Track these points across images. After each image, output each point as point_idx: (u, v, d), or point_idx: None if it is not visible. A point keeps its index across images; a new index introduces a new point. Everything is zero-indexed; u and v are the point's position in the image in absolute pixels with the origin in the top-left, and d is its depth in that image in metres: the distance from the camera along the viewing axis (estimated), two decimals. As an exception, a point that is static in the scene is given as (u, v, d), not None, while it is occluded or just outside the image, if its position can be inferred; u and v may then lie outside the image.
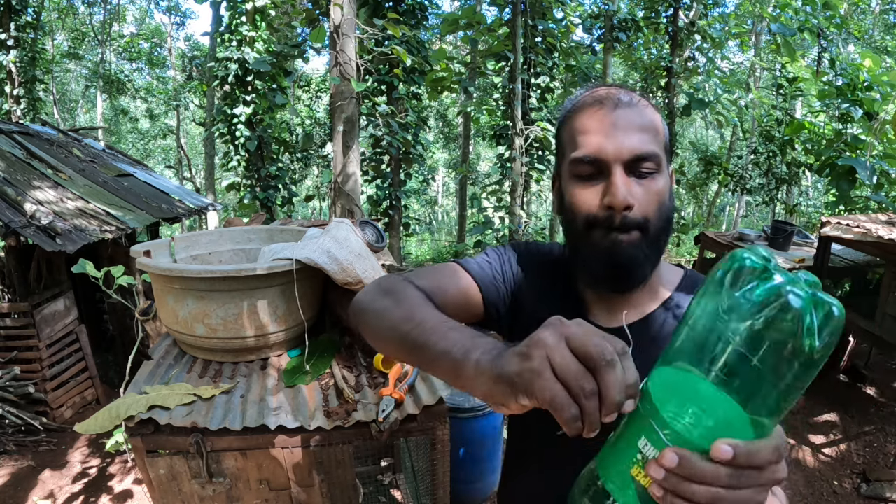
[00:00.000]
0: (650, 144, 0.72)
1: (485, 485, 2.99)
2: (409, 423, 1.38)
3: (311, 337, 1.68)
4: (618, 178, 0.71)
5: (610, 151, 0.71)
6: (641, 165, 0.72)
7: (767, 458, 0.43)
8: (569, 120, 0.78)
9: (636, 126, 0.72)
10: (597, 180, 0.73)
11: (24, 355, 4.01)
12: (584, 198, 0.74)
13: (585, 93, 0.79)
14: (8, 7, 8.57)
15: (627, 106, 0.73)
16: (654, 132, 0.74)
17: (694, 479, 0.43)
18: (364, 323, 0.78)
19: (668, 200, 0.75)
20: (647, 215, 0.72)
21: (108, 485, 3.45)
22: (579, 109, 0.77)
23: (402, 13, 7.01)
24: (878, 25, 13.38)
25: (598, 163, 0.72)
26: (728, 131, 13.92)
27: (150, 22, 18.57)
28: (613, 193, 0.70)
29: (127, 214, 4.75)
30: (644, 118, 0.74)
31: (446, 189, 23.41)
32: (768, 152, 9.14)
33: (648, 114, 0.75)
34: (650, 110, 0.76)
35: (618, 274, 0.74)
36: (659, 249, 0.76)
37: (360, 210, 5.19)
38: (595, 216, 0.73)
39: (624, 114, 0.73)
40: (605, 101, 0.74)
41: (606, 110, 0.73)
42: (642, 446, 0.46)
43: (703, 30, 9.00)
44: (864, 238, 3.57)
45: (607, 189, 0.71)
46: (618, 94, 0.75)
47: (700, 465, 0.43)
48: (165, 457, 1.33)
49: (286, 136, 8.92)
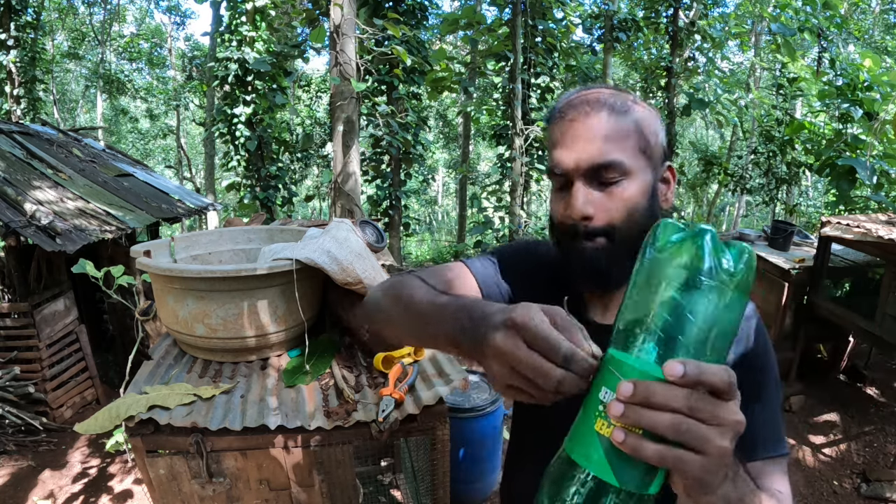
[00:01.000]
0: (612, 153, 0.72)
1: (485, 485, 2.99)
2: (409, 423, 1.38)
3: (310, 337, 1.68)
4: (576, 189, 0.74)
5: (569, 164, 0.74)
6: (603, 175, 0.73)
7: (721, 379, 0.44)
8: (549, 128, 0.81)
9: (599, 136, 0.72)
10: (565, 190, 0.77)
11: (24, 355, 4.01)
12: (556, 207, 0.79)
13: (563, 100, 0.80)
14: (8, 7, 8.57)
15: (596, 114, 0.73)
16: (621, 138, 0.73)
17: (652, 405, 0.44)
18: (378, 308, 0.83)
19: (641, 204, 0.74)
20: (611, 222, 0.74)
21: (108, 485, 3.45)
22: (554, 118, 0.79)
23: (402, 13, 7.01)
24: (878, 25, 13.38)
25: (562, 175, 0.75)
26: (728, 131, 13.91)
27: (150, 22, 18.57)
28: (571, 205, 0.74)
29: (127, 214, 4.75)
30: (610, 126, 0.73)
31: (446, 189, 23.41)
32: (768, 152, 9.13)
33: (616, 120, 0.73)
34: (622, 115, 0.74)
35: (591, 277, 0.77)
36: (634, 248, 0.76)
37: (360, 210, 5.19)
38: (564, 224, 0.77)
39: (588, 123, 0.73)
40: (571, 110, 0.75)
41: (570, 120, 0.75)
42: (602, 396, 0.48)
43: (703, 30, 9.00)
44: (864, 238, 3.57)
45: (569, 199, 0.75)
46: (586, 100, 0.75)
47: (654, 386, 0.44)
48: (165, 457, 1.33)
49: (286, 136, 8.92)
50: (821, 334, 4.38)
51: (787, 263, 4.32)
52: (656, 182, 0.78)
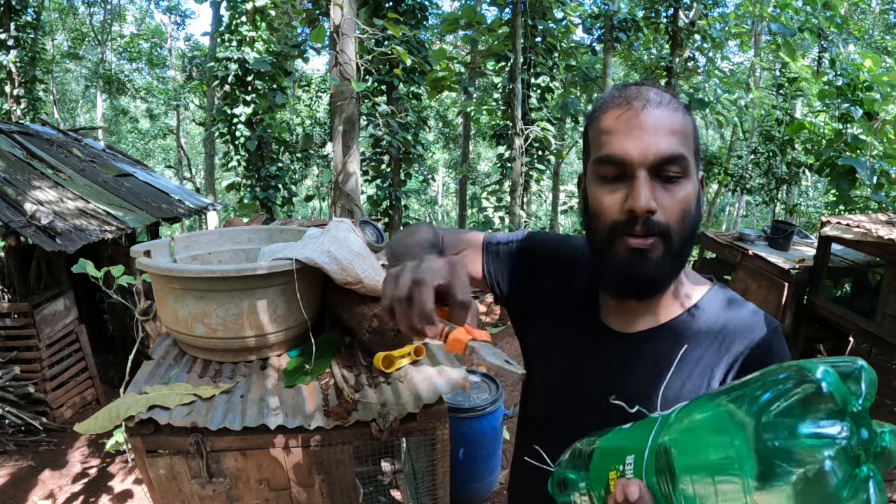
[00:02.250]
0: (678, 147, 0.69)
1: (485, 485, 2.99)
2: (409, 422, 1.38)
3: (310, 337, 1.68)
4: (641, 181, 0.68)
5: (635, 153, 0.69)
6: (668, 169, 0.69)
7: None
8: (596, 120, 0.75)
9: (664, 128, 0.69)
10: (620, 183, 0.71)
11: (24, 355, 4.01)
12: (607, 201, 0.72)
13: (615, 91, 0.76)
14: (8, 7, 8.57)
15: (657, 107, 0.71)
16: (683, 135, 0.71)
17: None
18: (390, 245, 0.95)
19: (693, 209, 0.72)
20: (669, 222, 0.70)
21: (108, 485, 3.45)
22: (607, 109, 0.74)
23: (402, 13, 7.01)
24: (878, 25, 13.37)
25: (621, 165, 0.70)
26: (728, 131, 13.91)
27: (150, 22, 18.58)
28: (635, 197, 0.68)
29: (127, 214, 4.75)
30: (674, 120, 0.71)
31: (446, 189, 23.41)
32: (768, 152, 9.14)
33: (679, 116, 0.72)
34: (681, 113, 0.73)
35: (636, 283, 0.72)
36: (681, 259, 0.74)
37: (360, 210, 5.19)
38: (616, 221, 0.71)
39: (652, 115, 0.70)
40: (634, 101, 0.71)
41: (634, 111, 0.71)
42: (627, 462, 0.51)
43: (703, 30, 8.99)
44: (864, 238, 3.57)
45: (630, 192, 0.69)
46: (647, 94, 0.72)
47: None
48: (165, 457, 1.33)
49: (286, 136, 8.92)
50: (821, 334, 4.38)
51: (787, 263, 4.32)
52: (701, 188, 0.76)
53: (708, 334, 0.76)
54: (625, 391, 0.77)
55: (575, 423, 0.75)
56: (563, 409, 0.85)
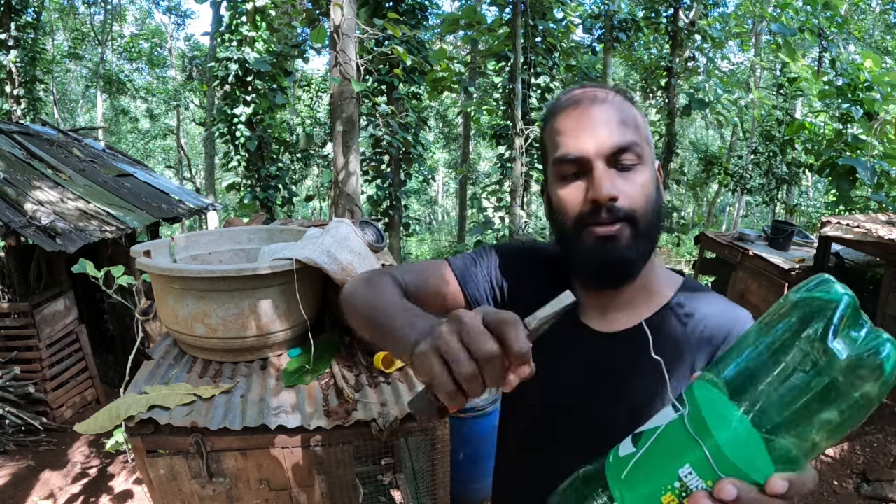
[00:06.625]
0: (630, 135, 0.72)
1: (485, 485, 2.98)
2: (409, 422, 1.38)
3: (310, 337, 1.68)
4: (600, 172, 0.71)
5: (590, 147, 0.72)
6: (623, 158, 0.72)
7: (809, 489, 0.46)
8: (548, 123, 0.79)
9: (614, 120, 0.72)
10: (580, 178, 0.74)
11: (24, 355, 4.01)
12: (570, 197, 0.74)
13: (563, 96, 0.79)
14: (8, 7, 8.58)
15: (604, 102, 0.74)
16: (633, 125, 0.74)
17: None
18: (346, 306, 0.83)
19: (654, 193, 0.75)
20: (633, 207, 0.72)
21: (108, 485, 3.45)
22: (557, 112, 0.77)
23: (402, 13, 7.01)
24: (879, 25, 13.37)
25: (579, 160, 0.73)
26: (728, 131, 13.92)
27: (150, 22, 18.58)
28: (597, 187, 0.71)
29: (127, 214, 4.75)
30: (622, 112, 0.74)
31: (446, 189, 23.41)
32: (768, 152, 9.14)
33: (626, 108, 0.75)
34: (627, 105, 0.76)
35: (608, 269, 0.74)
36: (650, 242, 0.75)
37: (360, 210, 5.19)
38: (581, 213, 0.73)
39: (600, 110, 0.73)
40: (581, 101, 0.75)
41: (582, 108, 0.74)
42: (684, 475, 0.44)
43: (703, 30, 9.00)
44: (864, 238, 3.57)
45: (590, 184, 0.72)
46: (593, 93, 0.76)
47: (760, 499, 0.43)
48: (165, 457, 1.33)
49: (286, 136, 8.92)
50: (821, 334, 4.37)
51: (787, 263, 4.32)
52: (657, 175, 0.78)
53: (686, 329, 0.77)
54: (612, 393, 0.77)
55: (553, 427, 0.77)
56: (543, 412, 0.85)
